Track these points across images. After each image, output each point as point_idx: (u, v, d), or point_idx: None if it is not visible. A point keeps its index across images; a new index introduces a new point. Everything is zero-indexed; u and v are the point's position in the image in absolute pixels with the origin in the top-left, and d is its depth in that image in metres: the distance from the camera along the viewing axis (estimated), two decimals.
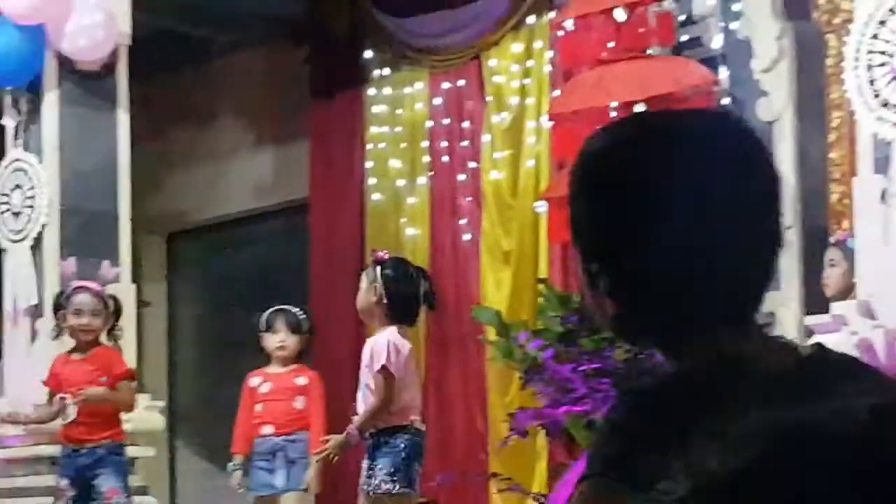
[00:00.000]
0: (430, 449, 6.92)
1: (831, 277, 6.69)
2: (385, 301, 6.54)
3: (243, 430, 7.46)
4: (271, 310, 7.57)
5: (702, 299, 1.69)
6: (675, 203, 1.67)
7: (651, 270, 1.69)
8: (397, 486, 6.43)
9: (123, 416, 7.42)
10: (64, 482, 7.14)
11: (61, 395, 7.06)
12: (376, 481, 6.42)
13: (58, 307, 7.36)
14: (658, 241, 1.68)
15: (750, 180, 1.73)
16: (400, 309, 6.60)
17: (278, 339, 7.41)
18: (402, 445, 6.45)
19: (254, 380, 7.45)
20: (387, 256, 6.85)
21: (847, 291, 6.48)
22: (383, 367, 6.42)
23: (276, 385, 7.40)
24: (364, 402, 6.55)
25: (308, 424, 7.32)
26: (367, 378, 6.55)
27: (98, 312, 7.16)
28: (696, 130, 1.79)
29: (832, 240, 7.02)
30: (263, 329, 7.49)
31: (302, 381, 7.41)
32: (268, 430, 7.37)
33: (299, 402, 7.37)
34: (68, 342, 7.28)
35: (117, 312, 7.34)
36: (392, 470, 6.39)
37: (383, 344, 6.53)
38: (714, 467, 1.55)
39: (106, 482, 7.04)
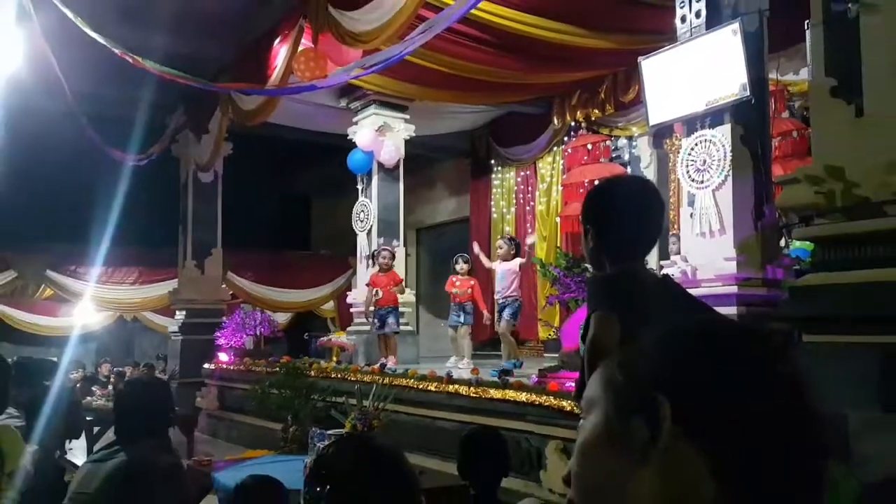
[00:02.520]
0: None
1: (673, 248, 6.37)
2: (515, 252, 6.13)
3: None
4: (458, 255, 7.06)
5: (625, 250, 1.59)
6: (622, 213, 1.59)
7: (611, 242, 1.60)
8: (513, 321, 6.19)
9: (399, 297, 7.18)
10: (374, 312, 6.74)
11: (376, 289, 6.86)
12: (504, 317, 6.09)
13: (373, 255, 7.14)
14: (615, 230, 1.59)
15: (651, 205, 1.63)
16: (519, 254, 6.18)
17: (460, 267, 6.75)
18: (517, 306, 6.17)
19: (454, 279, 6.94)
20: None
21: (678, 253, 6.22)
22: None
23: (461, 282, 6.89)
24: (507, 281, 6.12)
25: (475, 298, 6.83)
26: (507, 274, 6.11)
27: (387, 258, 6.82)
28: (630, 185, 1.75)
29: (671, 233, 6.74)
30: (454, 263, 7.02)
31: (472, 281, 6.92)
32: (457, 299, 6.73)
33: (469, 291, 6.83)
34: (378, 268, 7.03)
35: (393, 256, 7.08)
36: (512, 314, 6.12)
37: (516, 260, 6.19)
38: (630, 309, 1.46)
39: (391, 319, 6.70)
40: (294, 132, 9.44)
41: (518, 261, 6.20)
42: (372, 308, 7.04)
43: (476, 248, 6.91)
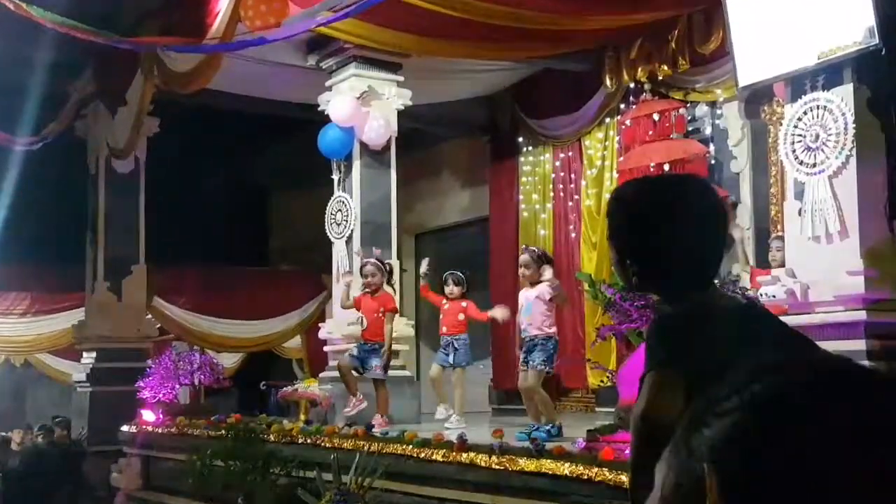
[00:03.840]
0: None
1: (777, 256, 6.49)
2: (546, 266, 6.22)
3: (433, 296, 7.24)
4: (447, 273, 7.19)
5: (687, 274, 1.66)
6: (675, 229, 1.65)
7: (660, 262, 1.67)
8: (546, 367, 6.21)
9: (394, 327, 7.27)
10: (353, 349, 6.94)
11: (359, 314, 6.99)
12: (534, 363, 6.13)
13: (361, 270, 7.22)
14: (667, 248, 1.66)
15: (710, 215, 1.70)
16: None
17: (448, 289, 7.04)
18: (551, 348, 6.22)
19: (444, 301, 7.13)
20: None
21: (782, 264, 6.29)
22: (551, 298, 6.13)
23: (451, 306, 7.06)
24: (535, 313, 6.15)
25: (473, 316, 7.03)
26: (535, 304, 6.17)
27: (375, 273, 6.96)
28: (684, 189, 1.74)
29: (773, 235, 6.85)
30: (443, 283, 7.16)
31: (464, 304, 7.07)
32: (444, 329, 7.02)
33: (461, 317, 7.02)
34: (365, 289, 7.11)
35: (391, 272, 7.23)
36: (545, 359, 6.16)
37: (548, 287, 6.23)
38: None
39: (374, 361, 6.84)
40: (245, 103, 9.53)
41: (546, 287, 6.15)
42: (353, 343, 7.14)
43: (499, 313, 6.97)
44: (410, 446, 5.42)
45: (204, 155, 11.96)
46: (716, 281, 1.77)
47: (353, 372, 6.97)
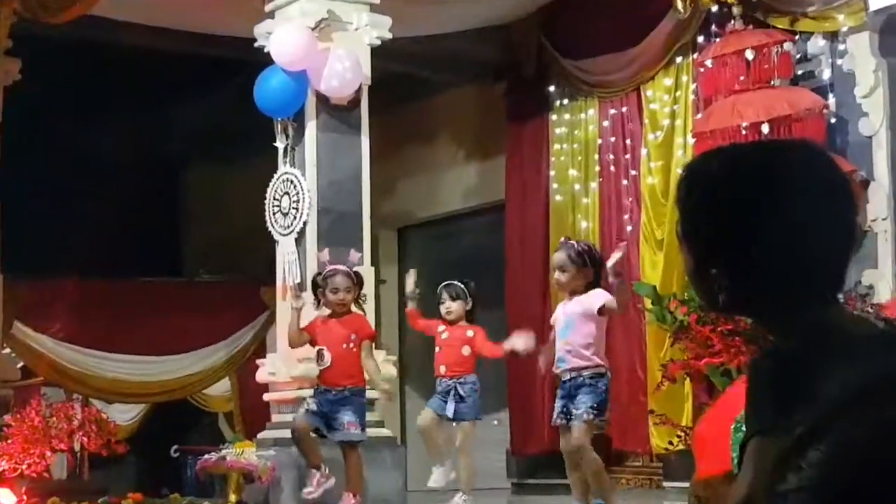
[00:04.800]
0: None
1: None
2: (593, 279, 6.24)
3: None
4: (442, 284, 7.34)
5: (801, 287, 1.67)
6: (781, 220, 1.66)
7: (763, 270, 1.67)
8: (598, 419, 6.18)
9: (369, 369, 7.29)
10: (312, 400, 6.99)
11: (319, 347, 6.97)
12: (580, 411, 6.13)
13: (315, 284, 7.21)
14: (771, 249, 1.66)
15: (832, 199, 1.70)
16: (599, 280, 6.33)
17: (445, 307, 7.15)
18: (603, 388, 6.21)
19: (440, 326, 7.22)
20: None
21: None
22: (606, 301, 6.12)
23: (451, 334, 7.16)
24: (579, 335, 6.18)
25: (482, 352, 7.12)
26: (581, 323, 6.19)
27: (350, 289, 7.05)
28: (793, 162, 1.74)
29: None
30: (438, 299, 7.25)
31: (470, 332, 7.16)
32: (442, 369, 7.11)
33: (466, 350, 7.09)
34: (326, 309, 7.14)
35: (360, 284, 7.24)
36: (595, 405, 6.13)
37: (601, 291, 6.20)
38: (836, 398, 1.54)
39: (346, 416, 6.88)
40: (147, 38, 9.54)
41: (601, 296, 6.18)
42: (311, 389, 7.17)
43: (521, 344, 7.01)
44: None
45: (87, 114, 11.96)
46: (840, 296, 1.77)
47: (314, 435, 7.00)
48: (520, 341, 7.03)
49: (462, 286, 7.25)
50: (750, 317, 1.82)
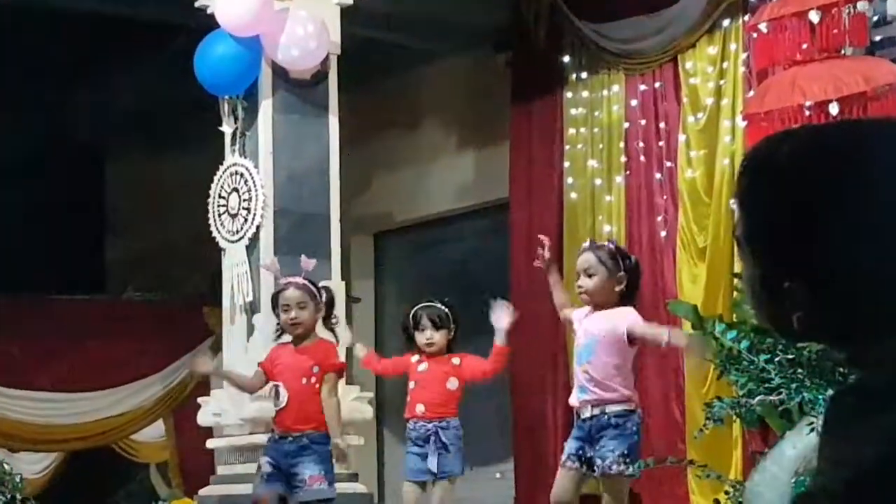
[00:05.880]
0: None
1: None
2: (624, 286, 6.31)
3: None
4: (418, 306, 7.40)
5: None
6: (876, 219, 1.66)
7: (853, 284, 1.67)
8: (630, 468, 6.21)
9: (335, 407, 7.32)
10: (265, 460, 7.01)
11: (274, 383, 7.02)
12: (607, 462, 6.19)
13: (275, 305, 7.26)
14: (864, 256, 1.66)
15: None
16: (634, 293, 6.46)
17: (425, 337, 7.23)
18: (634, 429, 6.28)
19: (415, 357, 7.31)
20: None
21: None
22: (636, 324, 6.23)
23: (431, 365, 7.22)
24: (606, 360, 6.25)
25: (468, 377, 7.24)
26: (608, 343, 6.26)
27: (304, 305, 7.04)
28: (888, 145, 1.75)
29: None
30: (413, 326, 7.30)
31: (455, 360, 7.25)
32: (420, 409, 7.20)
33: (452, 384, 7.20)
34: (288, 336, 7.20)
35: (330, 303, 7.25)
36: (625, 452, 6.18)
37: (632, 311, 6.31)
38: None
39: (307, 469, 6.93)
40: None
41: (628, 316, 6.28)
42: (266, 434, 7.23)
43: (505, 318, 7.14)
44: None
45: None
46: None
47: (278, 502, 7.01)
48: (502, 316, 7.16)
49: (443, 309, 7.33)
50: (831, 343, 1.79)
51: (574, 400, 6.32)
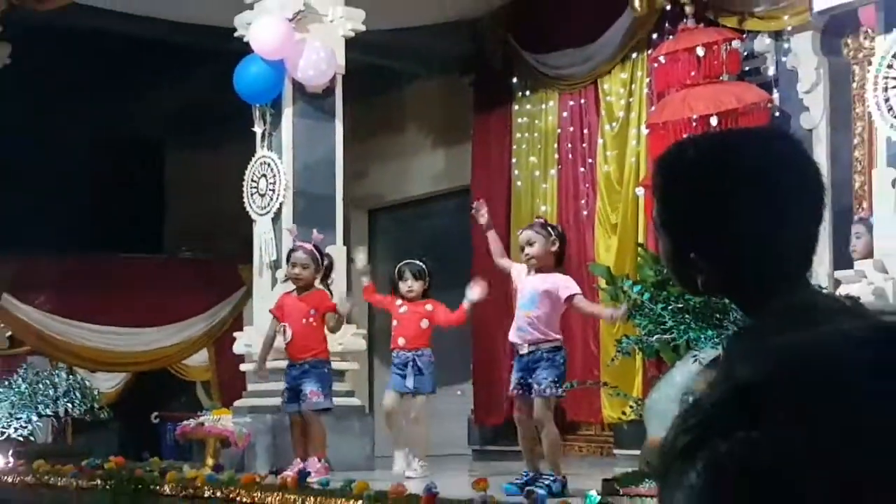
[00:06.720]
0: None
1: (857, 245, 6.57)
2: (559, 251, 6.21)
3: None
4: (402, 263, 7.34)
5: (772, 268, 1.67)
6: (756, 206, 1.65)
7: (741, 254, 1.67)
8: (559, 391, 6.16)
9: (338, 338, 7.46)
10: (284, 385, 7.04)
11: (283, 324, 7.00)
12: (542, 387, 6.09)
13: (287, 261, 7.24)
14: (746, 233, 1.66)
15: (805, 185, 1.70)
16: (563, 253, 6.35)
17: (406, 286, 7.18)
18: (561, 361, 6.20)
19: (398, 303, 7.24)
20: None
21: (869, 256, 6.34)
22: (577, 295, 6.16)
23: (410, 308, 7.17)
24: (542, 312, 6.13)
25: (440, 321, 7.15)
26: (545, 300, 6.15)
27: (307, 265, 6.99)
28: (769, 149, 1.74)
29: (856, 217, 6.94)
30: (397, 278, 7.25)
31: (429, 307, 7.18)
32: (401, 341, 7.13)
33: (424, 324, 7.12)
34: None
35: (329, 267, 7.26)
36: (555, 378, 6.10)
37: (570, 280, 6.22)
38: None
39: (309, 386, 6.87)
40: (132, 25, 9.52)
41: (569, 286, 6.18)
42: (277, 361, 7.19)
43: (477, 292, 7.04)
44: (360, 502, 5.42)
45: (72, 97, 11.84)
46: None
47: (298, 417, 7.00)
48: (476, 289, 7.02)
49: (420, 265, 7.28)
50: (727, 298, 1.82)
51: (513, 336, 6.29)
